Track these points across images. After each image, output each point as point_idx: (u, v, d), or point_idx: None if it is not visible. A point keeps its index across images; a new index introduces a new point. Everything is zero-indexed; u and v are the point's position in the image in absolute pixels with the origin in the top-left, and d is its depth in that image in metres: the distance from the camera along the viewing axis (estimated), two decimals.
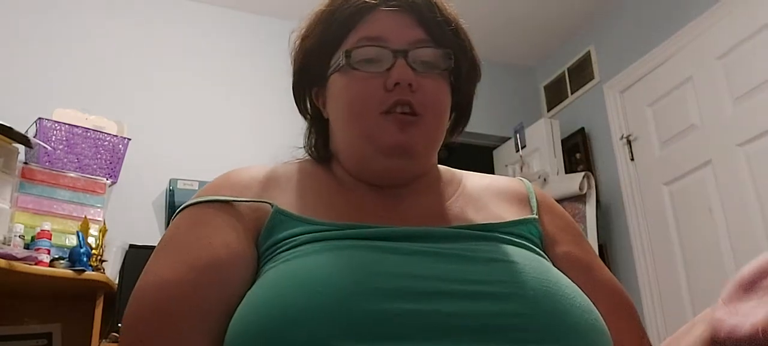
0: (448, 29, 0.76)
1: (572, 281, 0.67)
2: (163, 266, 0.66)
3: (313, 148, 0.84)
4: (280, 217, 0.69)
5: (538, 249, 0.73)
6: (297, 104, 0.85)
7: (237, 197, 0.71)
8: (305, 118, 0.86)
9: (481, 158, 3.40)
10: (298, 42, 0.82)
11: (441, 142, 0.77)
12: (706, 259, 2.69)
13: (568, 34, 3.61)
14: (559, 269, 0.70)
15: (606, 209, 3.25)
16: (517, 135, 3.41)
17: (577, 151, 3.46)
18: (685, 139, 2.87)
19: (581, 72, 3.56)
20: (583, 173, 3.14)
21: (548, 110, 3.78)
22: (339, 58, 0.74)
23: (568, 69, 3.65)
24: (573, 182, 3.08)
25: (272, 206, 0.70)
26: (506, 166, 3.56)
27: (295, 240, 0.66)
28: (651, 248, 3.00)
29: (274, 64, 3.24)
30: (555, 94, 3.76)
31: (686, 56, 2.90)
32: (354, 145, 0.75)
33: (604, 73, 3.39)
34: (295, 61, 0.83)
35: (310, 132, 0.85)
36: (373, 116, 0.71)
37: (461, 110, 0.82)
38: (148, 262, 0.68)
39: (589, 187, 3.11)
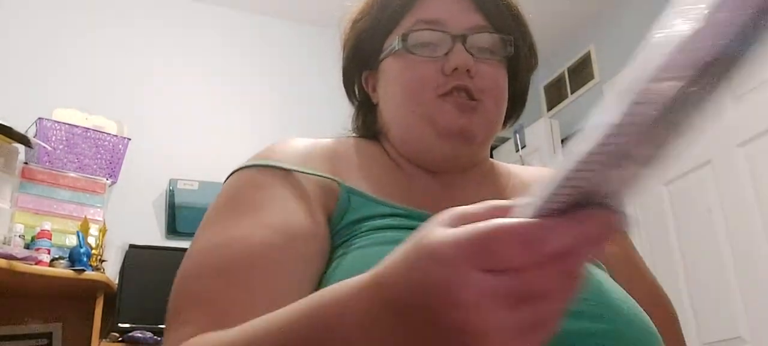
0: (508, 14, 0.73)
1: (616, 280, 0.65)
2: (228, 226, 0.59)
3: (361, 128, 0.80)
4: (350, 196, 0.65)
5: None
6: (346, 89, 0.81)
7: (300, 167, 0.66)
8: (352, 103, 0.82)
9: None
10: (349, 26, 0.78)
11: (498, 130, 0.75)
12: (705, 259, 2.69)
13: (568, 34, 3.61)
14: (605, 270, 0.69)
15: None
16: (517, 135, 3.41)
17: None
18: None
19: (581, 72, 3.56)
20: None
21: (548, 110, 3.78)
22: (394, 42, 0.71)
23: (568, 69, 3.65)
24: None
25: (339, 184, 0.66)
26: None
27: (369, 224, 0.62)
28: (650, 247, 3.00)
29: (275, 64, 3.25)
30: (555, 94, 3.76)
31: None
32: (411, 128, 0.71)
33: (604, 73, 3.39)
34: (345, 45, 0.79)
35: (357, 116, 0.81)
36: (431, 98, 0.69)
37: (517, 99, 0.79)
38: (203, 226, 0.62)
39: None
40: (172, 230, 2.73)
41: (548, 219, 0.30)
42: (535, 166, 0.87)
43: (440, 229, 0.32)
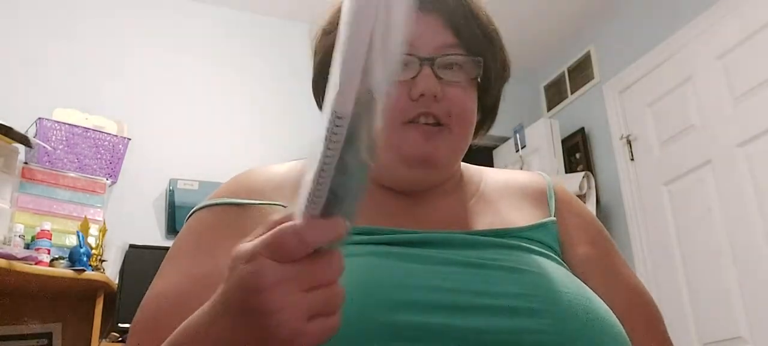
0: (479, 33, 0.72)
1: (589, 284, 0.65)
2: (164, 276, 0.65)
3: None
4: None
5: (557, 256, 0.70)
6: (315, 98, 0.80)
7: (250, 199, 0.68)
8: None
9: (481, 158, 3.38)
10: (320, 35, 0.77)
11: (465, 151, 0.75)
12: (705, 259, 2.69)
13: (568, 34, 3.61)
14: (576, 272, 0.69)
15: (606, 209, 3.25)
16: (517, 135, 3.42)
17: (577, 151, 3.46)
18: (684, 139, 2.87)
19: (581, 72, 3.56)
20: (582, 173, 3.14)
21: (548, 110, 3.78)
22: None
23: (568, 69, 3.65)
24: (573, 182, 3.08)
25: (284, 209, 0.67)
26: (506, 166, 3.56)
27: None
28: (650, 247, 3.00)
29: (275, 64, 3.25)
30: (555, 94, 3.76)
31: (686, 56, 2.90)
32: None
33: (604, 73, 3.39)
34: (316, 53, 0.78)
35: None
36: (396, 125, 0.68)
37: (487, 112, 0.79)
38: (158, 272, 0.67)
39: (589, 187, 3.11)
40: (172, 230, 2.73)
41: (311, 219, 0.39)
42: (509, 170, 0.87)
43: (247, 241, 0.42)
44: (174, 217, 2.72)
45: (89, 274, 2.10)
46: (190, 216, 0.71)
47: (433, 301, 0.55)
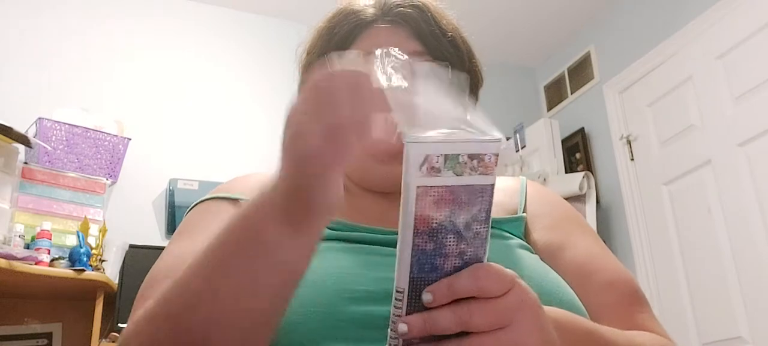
0: (444, 40, 0.77)
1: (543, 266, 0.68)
2: (179, 247, 0.67)
3: None
4: None
5: (526, 246, 0.73)
6: None
7: (245, 195, 0.73)
8: None
9: None
10: (303, 56, 0.85)
11: None
12: (705, 259, 2.69)
13: (568, 34, 3.61)
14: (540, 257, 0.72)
15: (606, 209, 3.25)
16: (517, 135, 3.41)
17: (577, 151, 3.46)
18: (684, 139, 2.87)
19: (581, 72, 3.56)
20: (582, 173, 3.14)
21: (548, 110, 3.78)
22: None
23: (568, 69, 3.65)
24: (573, 182, 3.07)
25: None
26: (506, 166, 3.56)
27: None
28: (650, 247, 3.00)
29: (275, 65, 3.25)
30: (555, 94, 3.76)
31: (686, 56, 2.90)
32: (353, 157, 0.75)
33: (604, 73, 3.39)
34: (301, 73, 0.85)
35: None
36: None
37: None
38: (162, 253, 0.70)
39: (589, 187, 3.10)
40: (172, 230, 2.73)
41: None
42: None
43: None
44: (174, 217, 2.73)
45: (89, 274, 2.10)
46: (192, 208, 0.76)
47: (384, 290, 0.58)
